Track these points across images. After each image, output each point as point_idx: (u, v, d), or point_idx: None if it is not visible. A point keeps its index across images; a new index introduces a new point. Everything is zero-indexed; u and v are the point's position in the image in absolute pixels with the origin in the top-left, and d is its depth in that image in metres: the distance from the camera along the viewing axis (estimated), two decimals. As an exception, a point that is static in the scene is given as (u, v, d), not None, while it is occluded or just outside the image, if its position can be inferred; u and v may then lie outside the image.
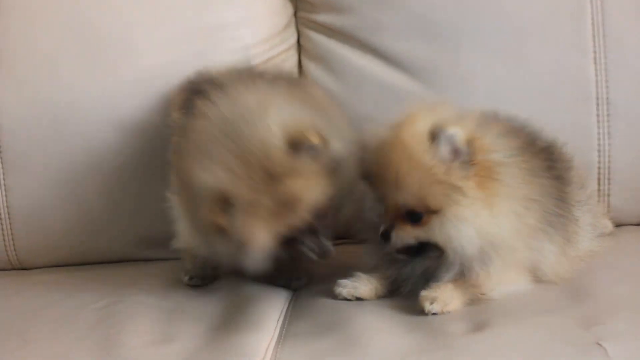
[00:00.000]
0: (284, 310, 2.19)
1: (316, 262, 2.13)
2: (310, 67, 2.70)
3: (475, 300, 2.06)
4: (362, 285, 2.15)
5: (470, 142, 1.97)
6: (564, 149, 2.33)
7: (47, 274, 2.61)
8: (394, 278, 2.15)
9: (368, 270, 2.17)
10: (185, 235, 2.26)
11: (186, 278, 2.34)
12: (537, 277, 2.14)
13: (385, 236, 2.04)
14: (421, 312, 2.01)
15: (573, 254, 2.19)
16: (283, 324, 2.10)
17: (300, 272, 2.33)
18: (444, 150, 1.96)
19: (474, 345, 1.88)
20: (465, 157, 1.98)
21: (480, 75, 2.58)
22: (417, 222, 2.01)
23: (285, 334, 2.04)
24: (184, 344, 2.00)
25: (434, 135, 1.96)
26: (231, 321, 2.09)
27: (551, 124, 2.33)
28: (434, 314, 2.01)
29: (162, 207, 2.31)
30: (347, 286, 2.15)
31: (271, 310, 2.16)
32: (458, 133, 1.96)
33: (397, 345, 1.90)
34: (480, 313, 2.01)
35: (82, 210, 2.61)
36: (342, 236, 2.53)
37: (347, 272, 2.20)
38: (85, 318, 2.18)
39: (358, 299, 2.14)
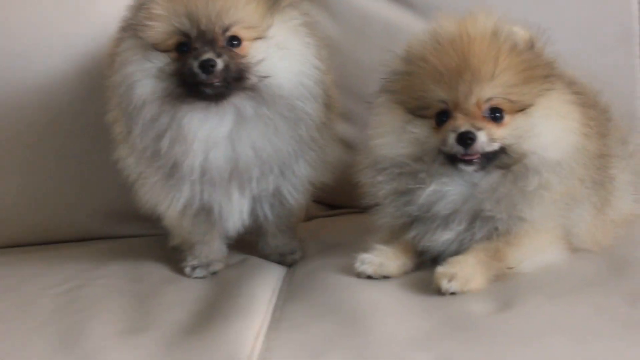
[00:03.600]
0: (277, 290, 2.07)
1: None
2: (303, 8, 2.32)
3: (502, 275, 1.91)
4: (389, 261, 1.99)
5: (531, 44, 1.94)
6: (600, 97, 2.18)
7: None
8: (421, 248, 1.99)
9: (380, 240, 2.02)
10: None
11: (188, 269, 2.19)
12: (571, 245, 2.00)
13: (468, 139, 1.88)
14: (437, 291, 1.86)
15: (609, 218, 2.06)
16: (276, 306, 1.98)
17: (294, 244, 2.25)
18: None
19: (502, 326, 1.74)
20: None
21: (504, 9, 2.29)
22: (499, 121, 1.90)
23: (279, 318, 1.90)
24: (159, 333, 1.87)
25: (498, 32, 1.92)
26: (215, 306, 1.98)
27: (585, 66, 2.18)
28: (452, 293, 1.85)
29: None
30: (373, 263, 1.98)
31: (262, 290, 2.04)
32: (519, 31, 1.93)
33: (408, 330, 1.76)
34: (508, 290, 1.86)
35: (37, 179, 2.43)
36: (338, 205, 2.53)
37: (348, 244, 2.10)
38: (45, 305, 2.07)
39: (385, 277, 1.98)
